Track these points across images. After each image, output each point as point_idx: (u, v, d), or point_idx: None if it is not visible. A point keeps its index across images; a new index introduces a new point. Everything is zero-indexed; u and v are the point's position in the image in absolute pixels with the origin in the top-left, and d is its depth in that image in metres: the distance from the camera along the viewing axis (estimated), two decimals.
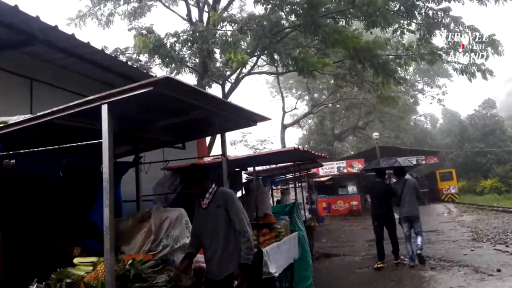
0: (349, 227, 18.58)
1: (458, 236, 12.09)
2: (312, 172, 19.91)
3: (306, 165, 11.13)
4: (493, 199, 30.72)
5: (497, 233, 11.70)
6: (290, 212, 7.48)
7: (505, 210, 18.68)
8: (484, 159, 40.27)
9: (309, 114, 25.46)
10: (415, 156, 28.17)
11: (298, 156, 7.36)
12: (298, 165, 10.20)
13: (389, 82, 14.43)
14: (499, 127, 42.69)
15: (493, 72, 14.83)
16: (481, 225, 14.23)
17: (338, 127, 42.39)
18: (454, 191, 30.64)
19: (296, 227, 7.33)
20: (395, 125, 43.63)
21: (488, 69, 14.85)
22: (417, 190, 8.59)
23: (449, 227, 14.81)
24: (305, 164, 10.74)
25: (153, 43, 10.58)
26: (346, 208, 24.69)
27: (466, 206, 24.83)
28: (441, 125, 60.12)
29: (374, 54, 13.54)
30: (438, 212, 21.42)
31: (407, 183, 8.59)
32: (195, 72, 16.46)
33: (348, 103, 30.68)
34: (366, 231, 15.93)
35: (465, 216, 18.48)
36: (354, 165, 25.18)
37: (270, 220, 6.52)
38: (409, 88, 39.77)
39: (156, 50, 10.77)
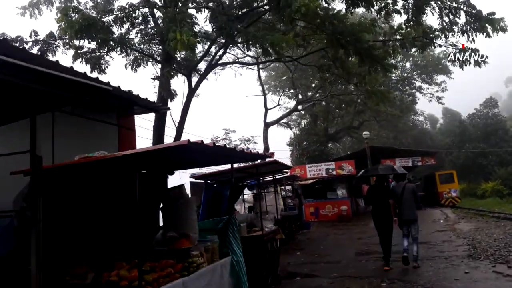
0: (334, 235, 16.73)
1: (452, 251, 10.26)
2: (293, 174, 18.18)
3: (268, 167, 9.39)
4: (494, 203, 28.85)
5: (497, 248, 9.85)
6: (224, 230, 5.68)
7: (507, 217, 16.81)
8: (486, 161, 38.39)
9: (294, 111, 23.62)
10: (410, 158, 26.30)
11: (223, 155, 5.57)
12: (256, 167, 8.53)
13: (377, 70, 12.64)
14: (501, 126, 40.83)
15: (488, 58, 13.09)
16: (480, 236, 12.38)
17: (333, 127, 40.63)
18: (455, 194, 28.37)
19: (230, 249, 5.54)
20: (393, 125, 41.89)
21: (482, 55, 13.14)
22: (415, 194, 8.95)
23: (444, 237, 12.96)
24: (265, 165, 9.05)
25: (79, 23, 8.78)
26: (335, 213, 22.84)
27: (465, 211, 22.95)
28: (441, 125, 58.38)
29: (357, 37, 11.75)
30: (434, 219, 19.53)
31: (406, 187, 8.93)
32: (157, 62, 14.76)
33: (338, 101, 28.90)
34: (351, 242, 14.15)
35: (462, 224, 16.63)
36: (344, 166, 23.30)
37: (182, 245, 4.72)
38: (406, 86, 38.18)
39: (85, 32, 8.97)
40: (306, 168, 24.24)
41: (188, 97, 14.20)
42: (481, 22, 11.92)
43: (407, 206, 8.72)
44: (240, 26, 11.12)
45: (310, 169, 24.02)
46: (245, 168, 8.41)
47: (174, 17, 9.10)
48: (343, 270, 9.10)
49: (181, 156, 5.41)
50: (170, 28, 8.71)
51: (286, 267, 10.11)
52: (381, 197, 8.97)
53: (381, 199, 8.92)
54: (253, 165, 8.03)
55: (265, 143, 21.92)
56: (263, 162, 8.16)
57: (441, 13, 12.05)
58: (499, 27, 12.39)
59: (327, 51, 14.96)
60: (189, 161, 6.34)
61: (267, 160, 8.11)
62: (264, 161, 7.36)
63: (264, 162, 8.25)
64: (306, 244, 14.31)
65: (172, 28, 8.62)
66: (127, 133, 7.23)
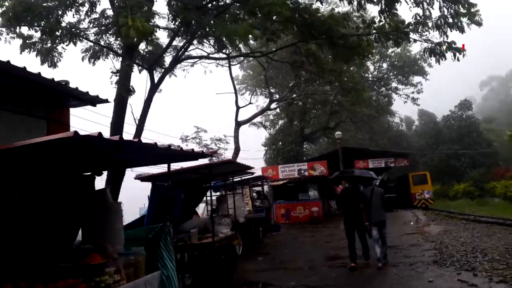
0: (303, 238, 16.19)
1: (418, 256, 9.81)
2: (262, 175, 17.57)
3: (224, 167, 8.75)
4: (465, 205, 29.00)
5: (464, 253, 9.45)
6: (155, 240, 4.99)
7: (476, 220, 16.63)
8: (458, 163, 38.75)
9: (267, 110, 23.03)
10: (383, 159, 26.11)
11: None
12: (209, 167, 7.87)
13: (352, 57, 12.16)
14: (475, 129, 41.29)
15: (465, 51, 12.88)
16: (448, 239, 12.03)
17: (309, 128, 40.34)
18: (429, 196, 27.61)
19: (160, 263, 4.85)
20: (369, 127, 41.93)
21: (458, 48, 12.92)
22: (383, 198, 9.20)
23: (412, 241, 12.57)
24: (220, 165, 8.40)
25: (13, 8, 7.92)
26: (306, 214, 22.34)
27: (436, 213, 22.82)
28: (417, 127, 58.89)
29: (329, 27, 11.24)
30: (405, 221, 19.24)
31: (375, 191, 9.21)
32: (117, 55, 13.93)
33: (313, 100, 28.52)
34: (318, 246, 13.65)
35: (432, 226, 16.35)
36: (316, 167, 22.85)
37: (93, 260, 4.00)
38: (382, 86, 38.19)
39: (22, 18, 8.10)
40: (278, 169, 23.72)
41: (150, 93, 13.44)
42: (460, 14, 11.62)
43: (376, 209, 8.97)
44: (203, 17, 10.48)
45: (282, 170, 23.50)
46: (197, 168, 7.73)
47: (125, 3, 8.34)
48: (302, 278, 8.53)
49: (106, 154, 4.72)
50: (120, 14, 7.95)
51: (245, 274, 9.47)
52: (353, 200, 9.12)
53: (353, 203, 9.09)
54: (204, 165, 7.38)
55: (236, 143, 21.24)
56: (217, 162, 7.53)
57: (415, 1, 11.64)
58: (474, 20, 12.15)
59: (299, 46, 14.47)
60: (123, 161, 5.63)
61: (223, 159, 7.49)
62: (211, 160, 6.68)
63: (219, 162, 7.62)
64: (272, 248, 13.72)
65: (123, 14, 7.87)
66: (59, 127, 6.43)
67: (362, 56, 12.47)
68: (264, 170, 23.77)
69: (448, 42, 13.61)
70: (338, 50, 12.13)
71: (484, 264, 8.06)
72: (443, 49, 13.73)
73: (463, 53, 13.49)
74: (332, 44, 11.96)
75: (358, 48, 12.06)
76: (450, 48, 13.62)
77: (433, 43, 13.69)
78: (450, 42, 13.64)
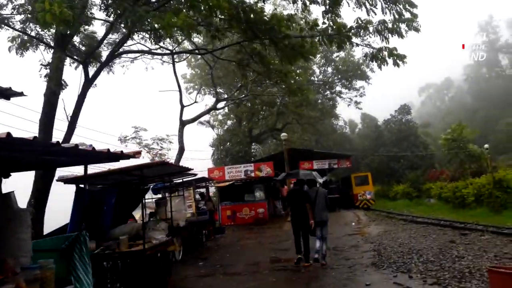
0: (246, 240, 15.92)
1: (358, 258, 9.85)
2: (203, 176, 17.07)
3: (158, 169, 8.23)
4: (404, 205, 30.31)
5: (401, 254, 9.62)
6: (69, 251, 4.43)
7: (413, 220, 17.30)
8: (397, 165, 40.48)
9: (213, 110, 22.55)
10: (327, 160, 26.58)
11: None
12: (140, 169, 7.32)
13: (296, 58, 12.05)
14: (413, 132, 43.35)
15: (406, 57, 13.25)
16: (386, 240, 12.28)
17: (257, 129, 40.34)
18: (370, 196, 28.40)
19: (73, 276, 4.30)
20: (315, 129, 42.69)
21: (400, 54, 13.26)
22: (326, 199, 9.63)
23: (352, 242, 12.71)
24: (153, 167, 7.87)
25: None
26: (252, 216, 22.14)
27: (377, 213, 23.58)
28: (360, 130, 61.01)
29: (272, 27, 11.05)
30: (347, 221, 19.62)
31: (319, 192, 9.64)
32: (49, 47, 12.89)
33: (261, 101, 28.47)
34: (260, 248, 13.43)
35: (373, 227, 16.75)
36: (263, 168, 22.71)
37: None
38: (327, 90, 39.06)
39: None
40: (225, 170, 23.31)
41: (84, 88, 12.52)
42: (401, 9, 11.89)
43: (320, 209, 9.39)
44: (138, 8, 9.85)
45: (228, 171, 23.11)
46: (127, 170, 7.16)
47: None
48: (240, 284, 8.22)
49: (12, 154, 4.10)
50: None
51: (182, 281, 9.02)
52: (299, 201, 9.50)
53: (299, 203, 9.48)
54: (134, 166, 6.83)
55: (181, 143, 20.52)
56: (148, 164, 7.02)
57: (358, 2, 11.75)
58: (413, 26, 12.50)
59: (244, 45, 14.18)
60: (35, 162, 4.99)
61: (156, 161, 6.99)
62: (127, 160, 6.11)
63: (151, 163, 7.11)
64: (214, 252, 13.30)
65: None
66: None
67: (305, 58, 12.42)
68: (210, 171, 23.28)
69: (389, 48, 13.97)
70: (282, 50, 11.99)
71: (419, 265, 8.19)
72: (384, 55, 14.09)
73: (403, 61, 13.91)
74: (275, 44, 11.79)
75: (301, 49, 11.98)
76: (391, 55, 13.98)
77: (375, 48, 13.97)
78: (392, 48, 14.02)
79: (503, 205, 18.80)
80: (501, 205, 18.87)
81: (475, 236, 11.45)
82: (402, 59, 13.94)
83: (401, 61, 13.99)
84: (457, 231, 12.83)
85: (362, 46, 13.89)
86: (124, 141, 21.76)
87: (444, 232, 12.95)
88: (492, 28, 78.51)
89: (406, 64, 14.14)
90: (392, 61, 14.13)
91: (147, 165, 6.99)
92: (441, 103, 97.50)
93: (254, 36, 10.98)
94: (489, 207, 19.68)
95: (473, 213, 19.67)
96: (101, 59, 14.42)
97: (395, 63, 14.06)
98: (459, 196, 22.40)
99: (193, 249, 13.85)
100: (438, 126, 66.03)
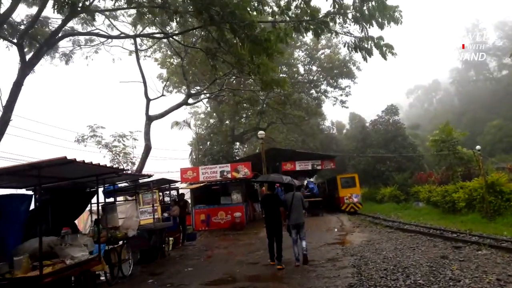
0: (216, 249, 14.24)
1: (333, 277, 8.20)
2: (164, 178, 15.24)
3: None
4: (391, 209, 28.90)
5: (385, 273, 8.02)
6: None
7: (400, 228, 15.79)
8: (384, 167, 39.14)
9: (183, 105, 20.79)
10: (310, 161, 25.00)
11: None
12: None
13: (258, 53, 10.48)
14: (400, 133, 42.06)
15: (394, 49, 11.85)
16: (369, 252, 10.72)
17: (240, 128, 38.71)
18: (357, 199, 26.16)
19: None
20: (301, 129, 41.24)
21: (388, 44, 11.80)
22: (302, 202, 9.83)
23: (330, 253, 11.09)
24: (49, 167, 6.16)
25: None
26: (228, 220, 20.45)
27: (361, 218, 22.05)
28: (348, 130, 59.82)
29: (232, 11, 9.42)
30: (329, 227, 18.04)
31: (295, 196, 9.72)
32: None
33: (239, 97, 26.81)
34: (228, 259, 11.76)
35: (356, 234, 15.22)
36: (240, 169, 21.03)
37: None
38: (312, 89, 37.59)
39: None
40: (199, 170, 21.56)
41: (20, 74, 10.73)
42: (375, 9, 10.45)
43: (296, 212, 9.61)
44: None
45: (203, 172, 21.36)
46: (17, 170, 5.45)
47: None
48: None
49: None
50: None
51: None
52: (273, 205, 9.69)
53: (273, 208, 9.67)
54: (28, 165, 5.13)
55: (147, 140, 18.71)
56: (47, 161, 5.34)
57: None
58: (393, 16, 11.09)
59: (210, 30, 12.53)
60: None
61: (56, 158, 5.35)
62: None
63: (48, 161, 5.43)
64: (173, 265, 11.59)
65: None
66: None
67: (268, 55, 10.80)
68: (183, 172, 21.51)
69: (374, 37, 12.50)
70: (242, 42, 10.37)
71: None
72: (370, 44, 12.64)
73: (392, 52, 12.48)
74: (234, 33, 10.19)
75: (266, 44, 10.35)
76: (378, 46, 12.53)
77: (355, 37, 12.50)
78: (378, 37, 12.55)
79: (496, 211, 17.41)
80: (494, 211, 17.48)
81: (470, 251, 9.91)
82: (390, 50, 12.53)
83: (389, 52, 12.59)
84: (449, 242, 11.30)
85: (342, 34, 12.42)
86: (82, 141, 19.88)
87: (435, 243, 11.40)
88: (480, 30, 78.02)
89: (396, 63, 12.82)
90: (379, 52, 12.76)
91: (47, 163, 5.28)
92: (429, 105, 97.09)
93: (210, 20, 9.38)
94: (481, 213, 18.30)
95: (464, 219, 18.29)
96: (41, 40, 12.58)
97: (383, 55, 12.65)
98: (449, 200, 21.01)
99: (150, 261, 12.16)
100: (427, 128, 65.18)
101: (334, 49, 34.58)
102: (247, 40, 9.69)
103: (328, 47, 35.25)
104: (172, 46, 21.36)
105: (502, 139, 53.75)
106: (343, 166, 43.19)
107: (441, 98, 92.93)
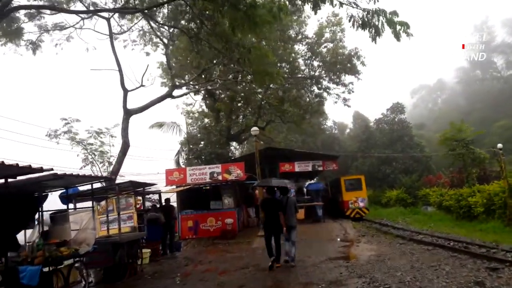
0: (199, 264, 12.11)
1: None
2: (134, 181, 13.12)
3: None
4: (398, 213, 26.80)
5: None
6: None
7: (413, 239, 13.65)
8: (390, 169, 36.96)
9: (167, 97, 18.73)
10: (311, 162, 22.88)
11: None
12: None
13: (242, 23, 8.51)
14: (407, 133, 39.93)
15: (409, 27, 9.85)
16: (380, 273, 8.62)
17: (237, 127, 36.65)
18: (363, 204, 23.45)
19: None
20: (301, 129, 39.10)
21: (402, 22, 9.78)
22: (295, 206, 10.56)
23: (332, 273, 8.99)
24: None
25: None
26: (219, 227, 18.37)
27: (367, 225, 19.94)
28: (351, 130, 57.81)
29: None
30: (331, 236, 15.93)
31: (289, 200, 10.47)
32: None
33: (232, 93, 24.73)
34: (209, 278, 9.71)
35: (362, 246, 13.13)
36: (232, 170, 18.95)
37: None
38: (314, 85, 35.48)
39: None
40: (187, 172, 19.50)
41: None
42: None
43: (290, 215, 10.27)
44: None
45: (191, 173, 19.28)
46: None
47: None
48: None
49: None
50: None
51: None
52: (272, 209, 10.21)
53: (272, 211, 10.18)
54: None
55: (125, 137, 16.67)
56: None
57: None
58: None
59: (189, 4, 10.52)
60: None
61: None
62: None
63: None
64: (142, 285, 9.56)
65: None
66: None
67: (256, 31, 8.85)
68: (169, 173, 19.46)
69: (387, 12, 10.46)
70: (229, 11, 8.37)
71: None
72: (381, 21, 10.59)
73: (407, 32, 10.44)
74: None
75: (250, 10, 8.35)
76: (390, 22, 10.47)
77: (364, 9, 10.46)
78: (391, 12, 10.51)
79: None
80: None
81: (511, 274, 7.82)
82: (405, 29, 10.47)
83: (404, 32, 10.54)
84: (479, 261, 9.15)
85: (347, 5, 10.36)
86: (55, 136, 17.80)
87: (461, 261, 9.27)
88: (488, 28, 75.85)
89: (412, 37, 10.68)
90: (392, 31, 10.69)
91: None
92: (434, 105, 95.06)
93: None
94: (502, 220, 16.19)
95: (484, 227, 16.18)
96: None
97: (396, 35, 10.58)
98: (464, 205, 18.90)
99: (116, 279, 10.11)
100: (431, 129, 63.14)
101: (338, 43, 32.44)
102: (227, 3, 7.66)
103: (331, 40, 33.14)
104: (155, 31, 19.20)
105: (509, 139, 51.59)
106: (345, 167, 40.99)
107: (446, 98, 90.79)
